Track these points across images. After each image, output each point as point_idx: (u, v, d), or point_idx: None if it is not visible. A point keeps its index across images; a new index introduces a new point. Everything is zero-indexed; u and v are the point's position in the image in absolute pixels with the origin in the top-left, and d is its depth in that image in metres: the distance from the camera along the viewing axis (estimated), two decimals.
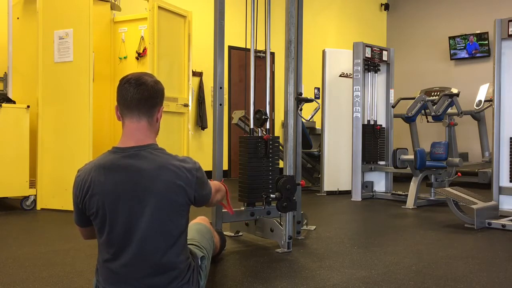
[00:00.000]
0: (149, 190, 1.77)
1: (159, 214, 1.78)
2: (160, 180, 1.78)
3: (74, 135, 4.80)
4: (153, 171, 1.78)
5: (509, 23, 4.45)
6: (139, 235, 1.77)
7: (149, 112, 1.85)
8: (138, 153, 1.80)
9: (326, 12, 9.81)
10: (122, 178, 1.77)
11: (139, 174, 1.77)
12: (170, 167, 1.81)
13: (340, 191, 6.51)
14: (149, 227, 1.77)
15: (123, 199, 1.77)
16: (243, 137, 3.48)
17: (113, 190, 1.77)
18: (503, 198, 4.50)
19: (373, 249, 3.36)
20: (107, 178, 1.78)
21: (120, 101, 1.84)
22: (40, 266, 2.81)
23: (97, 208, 1.79)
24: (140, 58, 5.85)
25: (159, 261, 1.80)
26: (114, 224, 1.78)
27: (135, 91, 1.81)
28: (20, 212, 4.70)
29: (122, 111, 1.85)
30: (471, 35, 9.29)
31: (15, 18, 5.23)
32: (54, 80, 4.88)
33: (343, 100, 6.51)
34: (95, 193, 1.78)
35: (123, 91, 1.83)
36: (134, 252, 1.77)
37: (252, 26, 3.53)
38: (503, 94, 4.52)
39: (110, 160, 1.81)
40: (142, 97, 1.82)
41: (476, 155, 8.73)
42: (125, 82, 1.84)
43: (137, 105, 1.82)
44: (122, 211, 1.77)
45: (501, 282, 2.62)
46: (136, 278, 1.80)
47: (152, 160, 1.81)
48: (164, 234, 1.80)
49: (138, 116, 1.83)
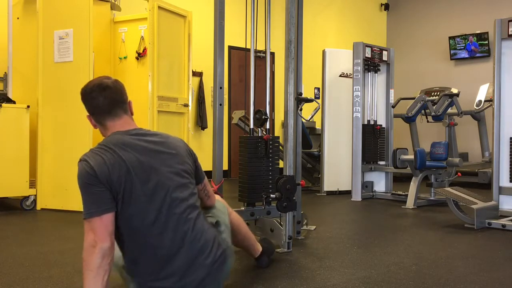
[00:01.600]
0: (174, 155, 1.99)
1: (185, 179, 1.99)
2: (179, 146, 2.05)
3: (74, 135, 4.80)
4: (159, 139, 2.01)
5: (509, 23, 4.45)
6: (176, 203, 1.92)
7: (123, 107, 2.01)
8: (140, 132, 2.00)
9: (326, 12, 9.81)
10: (141, 151, 1.91)
11: (158, 143, 1.98)
12: (172, 137, 2.10)
13: (340, 191, 6.51)
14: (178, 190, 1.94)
15: (153, 170, 1.90)
16: (243, 137, 3.48)
17: (140, 163, 1.88)
18: (503, 198, 4.50)
19: (373, 249, 3.36)
20: (130, 153, 1.88)
21: (92, 110, 1.97)
22: (40, 266, 2.81)
23: (120, 185, 1.83)
24: (140, 58, 5.85)
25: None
26: (153, 195, 1.88)
27: (104, 97, 1.94)
28: (20, 212, 4.70)
29: (99, 118, 1.98)
30: (471, 35, 9.29)
31: (15, 18, 5.23)
32: (54, 80, 4.88)
33: (343, 100, 6.51)
34: (129, 169, 1.85)
35: (92, 101, 1.95)
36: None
37: (252, 26, 3.53)
38: (503, 94, 4.52)
39: (121, 138, 1.93)
40: (112, 100, 1.96)
41: (476, 155, 8.73)
42: (90, 91, 1.95)
43: (113, 108, 1.96)
44: (156, 184, 1.89)
45: (501, 282, 2.62)
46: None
47: (155, 134, 2.04)
48: (189, 195, 1.98)
49: (118, 115, 1.99)
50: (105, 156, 1.84)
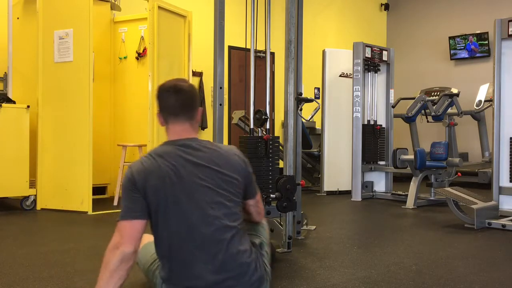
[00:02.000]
0: (207, 169, 1.90)
1: (216, 192, 1.90)
2: (228, 161, 1.95)
3: (74, 135, 4.79)
4: (208, 153, 1.93)
5: (509, 23, 4.45)
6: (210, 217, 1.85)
7: (191, 114, 1.99)
8: (188, 143, 1.94)
9: (326, 12, 9.80)
10: (181, 163, 1.88)
11: (194, 156, 1.91)
12: (223, 150, 2.00)
13: (340, 191, 6.51)
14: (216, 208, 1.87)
15: (187, 184, 1.85)
16: (243, 137, 3.48)
17: (169, 175, 1.85)
18: (503, 198, 4.50)
19: (373, 249, 3.36)
20: (169, 164, 1.87)
21: (163, 109, 1.99)
22: (40, 266, 2.81)
23: (156, 197, 1.82)
24: (140, 58, 5.84)
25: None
26: (186, 209, 1.84)
27: (176, 99, 1.96)
28: (20, 212, 4.70)
29: (166, 117, 1.99)
30: (471, 35, 9.29)
31: (15, 18, 5.22)
32: (54, 80, 4.88)
33: (343, 100, 6.51)
34: (153, 181, 1.84)
35: (164, 100, 1.98)
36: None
37: (252, 26, 3.52)
38: (503, 94, 4.52)
39: (166, 149, 1.93)
40: (184, 103, 1.97)
41: (476, 155, 8.72)
42: (164, 91, 1.98)
43: (181, 111, 1.97)
44: (189, 197, 1.85)
45: (501, 282, 2.62)
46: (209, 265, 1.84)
47: (204, 145, 1.97)
48: (227, 215, 1.89)
49: (182, 121, 1.97)
50: (146, 165, 1.87)
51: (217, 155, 1.95)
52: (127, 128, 5.90)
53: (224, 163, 1.94)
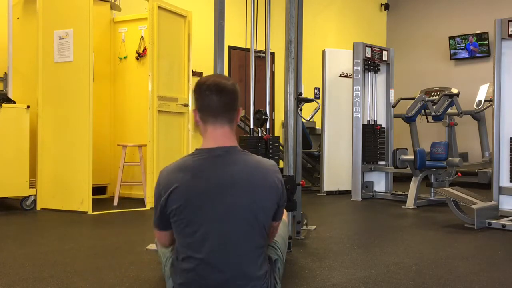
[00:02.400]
0: (238, 189, 1.77)
1: (247, 216, 1.77)
2: (249, 180, 1.78)
3: (74, 135, 4.79)
4: (243, 171, 1.79)
5: (509, 23, 4.45)
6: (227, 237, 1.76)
7: (231, 116, 1.85)
8: (223, 154, 1.81)
9: (326, 12, 9.80)
10: (210, 177, 1.77)
11: (228, 173, 1.78)
12: (260, 168, 1.83)
13: (340, 191, 6.51)
14: (237, 228, 1.77)
15: (212, 197, 1.75)
16: (243, 137, 3.48)
17: (200, 188, 1.76)
18: (503, 198, 4.50)
19: (373, 249, 3.36)
20: (194, 177, 1.77)
21: (201, 108, 1.83)
22: (40, 266, 2.81)
23: (182, 207, 1.76)
24: (140, 58, 5.84)
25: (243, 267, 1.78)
26: (201, 223, 1.75)
27: (218, 98, 1.80)
28: (20, 212, 4.70)
29: (204, 118, 1.84)
30: (471, 35, 9.29)
31: (15, 18, 5.23)
32: (54, 80, 4.88)
33: (343, 100, 6.51)
34: (180, 192, 1.76)
35: (205, 98, 1.81)
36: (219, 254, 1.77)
37: (252, 26, 3.52)
38: (503, 94, 4.52)
39: (197, 161, 1.82)
40: (225, 104, 1.82)
41: (476, 155, 8.72)
42: (206, 88, 1.81)
43: (222, 112, 1.82)
44: (210, 210, 1.75)
45: (501, 282, 2.62)
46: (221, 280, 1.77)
47: (241, 160, 1.82)
48: (249, 239, 1.79)
49: (222, 122, 1.83)
50: (172, 176, 1.79)
51: (251, 173, 1.80)
52: (127, 128, 5.91)
53: (257, 187, 1.79)
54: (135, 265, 2.84)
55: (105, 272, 2.70)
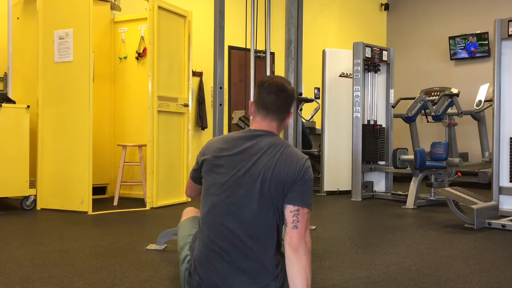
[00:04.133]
0: (263, 163, 1.87)
1: (265, 185, 1.86)
2: (274, 164, 1.87)
3: (74, 135, 4.79)
4: (271, 147, 1.91)
5: (509, 23, 4.45)
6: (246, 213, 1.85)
7: (283, 116, 2.00)
8: (264, 135, 1.95)
9: (326, 12, 9.80)
10: (244, 146, 1.92)
11: (259, 147, 1.91)
12: (290, 153, 1.91)
13: (340, 191, 6.51)
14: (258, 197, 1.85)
15: (241, 164, 1.88)
16: None
17: (234, 155, 1.91)
18: (503, 198, 4.50)
19: (373, 249, 3.36)
20: (230, 146, 1.94)
21: (259, 102, 1.99)
22: (40, 266, 2.81)
23: (213, 165, 1.92)
24: (140, 58, 5.84)
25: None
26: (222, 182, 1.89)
27: (276, 98, 1.96)
28: (20, 212, 4.70)
29: (257, 110, 2.00)
30: (471, 35, 9.29)
31: (15, 18, 5.23)
32: (54, 80, 4.88)
33: (343, 100, 6.51)
34: (218, 153, 1.94)
35: (264, 95, 1.97)
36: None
37: (252, 26, 3.53)
38: (503, 94, 4.52)
39: (238, 133, 2.00)
40: (281, 105, 1.97)
41: (476, 155, 8.72)
42: (267, 86, 1.97)
43: (275, 111, 1.97)
44: (237, 174, 1.87)
45: (501, 282, 2.62)
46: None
47: (274, 141, 1.94)
48: (266, 222, 1.86)
49: (272, 118, 1.98)
50: (215, 143, 2.00)
51: (283, 154, 1.90)
52: (127, 128, 5.91)
53: (282, 164, 1.88)
54: (135, 265, 2.84)
55: (105, 272, 2.70)
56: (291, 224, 1.83)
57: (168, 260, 2.97)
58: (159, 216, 4.71)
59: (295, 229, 1.82)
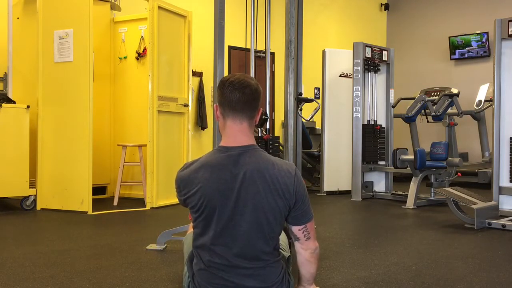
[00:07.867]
0: (250, 190, 1.81)
1: (258, 214, 1.82)
2: (259, 182, 1.81)
3: (74, 135, 4.79)
4: (254, 172, 1.82)
5: (509, 23, 4.45)
6: (241, 233, 1.82)
7: (252, 113, 1.89)
8: (241, 153, 1.85)
9: (326, 12, 9.80)
10: (226, 176, 1.82)
11: (242, 173, 1.82)
12: (269, 170, 1.84)
13: (340, 191, 6.51)
14: (249, 227, 1.82)
15: (227, 197, 1.81)
16: None
17: (217, 187, 1.81)
18: (503, 198, 4.50)
19: (373, 249, 3.36)
20: (212, 175, 1.82)
21: (224, 102, 1.87)
22: (40, 266, 2.81)
23: (200, 205, 1.83)
24: (140, 58, 5.84)
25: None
26: (218, 221, 1.82)
27: (241, 94, 1.84)
28: (20, 212, 4.70)
29: (225, 112, 1.88)
30: (471, 35, 9.29)
31: (15, 18, 5.23)
32: (54, 80, 4.88)
33: (343, 100, 6.51)
34: (199, 190, 1.83)
35: (227, 93, 1.86)
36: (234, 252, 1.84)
37: (252, 26, 3.53)
38: (503, 94, 4.52)
39: (215, 159, 1.87)
40: (247, 100, 1.86)
41: (476, 155, 8.72)
42: (229, 84, 1.86)
43: (242, 108, 1.86)
44: (224, 208, 1.81)
45: (501, 282, 2.62)
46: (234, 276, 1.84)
47: (254, 161, 1.85)
48: (261, 236, 1.84)
49: (241, 118, 1.87)
50: (193, 175, 1.86)
51: (265, 172, 1.83)
52: (127, 128, 5.91)
53: (268, 187, 1.83)
54: (135, 265, 2.84)
55: (105, 272, 2.70)
56: (303, 238, 1.94)
57: (168, 260, 2.97)
58: (159, 216, 4.71)
59: (308, 240, 1.95)
